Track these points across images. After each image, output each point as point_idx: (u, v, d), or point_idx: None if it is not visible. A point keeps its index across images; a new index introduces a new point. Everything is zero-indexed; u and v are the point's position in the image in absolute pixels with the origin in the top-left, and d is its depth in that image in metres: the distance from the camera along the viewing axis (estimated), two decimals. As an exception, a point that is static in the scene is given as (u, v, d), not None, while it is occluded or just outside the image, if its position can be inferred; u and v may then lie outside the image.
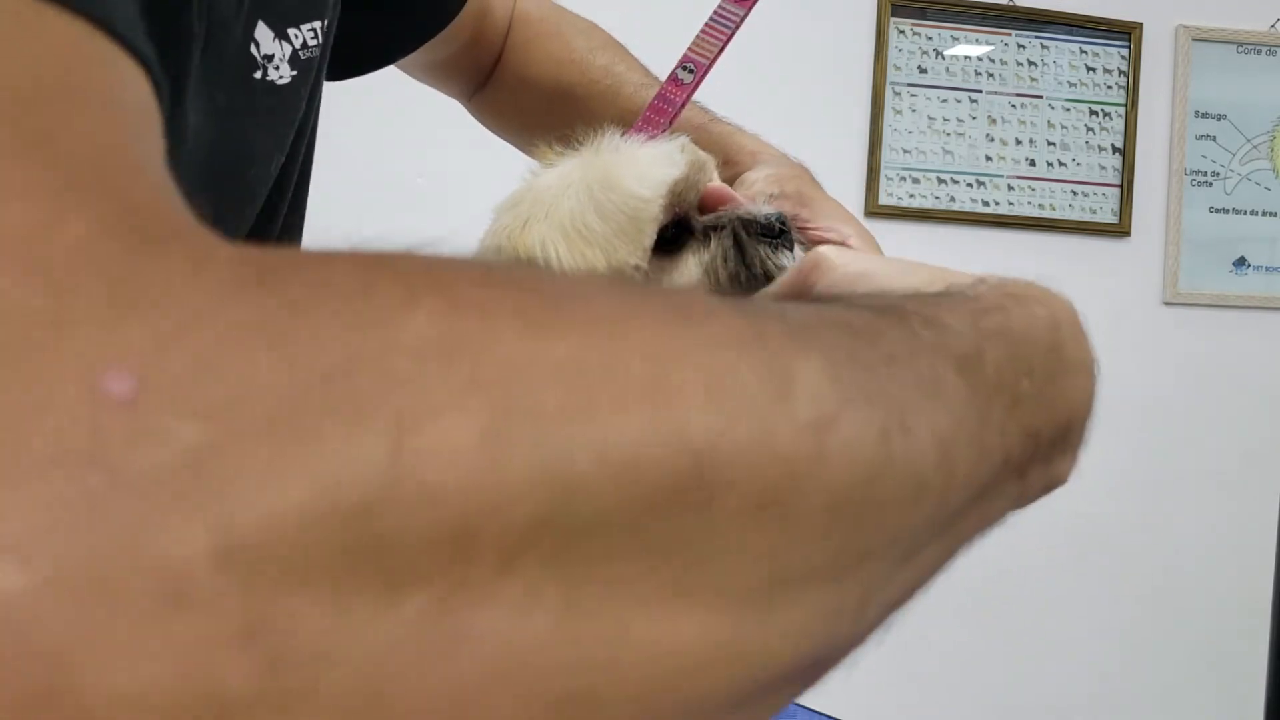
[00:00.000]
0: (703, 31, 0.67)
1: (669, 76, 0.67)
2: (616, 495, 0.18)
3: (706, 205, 0.62)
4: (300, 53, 0.52)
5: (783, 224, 0.61)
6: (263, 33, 0.49)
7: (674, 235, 0.59)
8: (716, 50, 0.66)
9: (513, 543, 0.17)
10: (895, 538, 0.25)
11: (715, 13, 0.67)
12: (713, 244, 0.60)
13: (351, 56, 0.74)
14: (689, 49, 0.67)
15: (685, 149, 0.61)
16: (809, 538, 0.22)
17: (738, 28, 0.66)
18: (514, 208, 0.60)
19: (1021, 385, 0.33)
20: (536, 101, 0.85)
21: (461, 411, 0.17)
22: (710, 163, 0.63)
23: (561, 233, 0.57)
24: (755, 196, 0.66)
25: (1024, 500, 0.36)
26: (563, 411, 0.18)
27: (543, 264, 0.56)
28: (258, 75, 0.49)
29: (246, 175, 0.49)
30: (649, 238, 0.58)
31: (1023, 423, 0.33)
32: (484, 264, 0.21)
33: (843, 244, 0.66)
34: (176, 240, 0.19)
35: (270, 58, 0.50)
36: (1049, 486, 0.37)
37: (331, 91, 0.83)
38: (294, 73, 0.52)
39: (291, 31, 0.52)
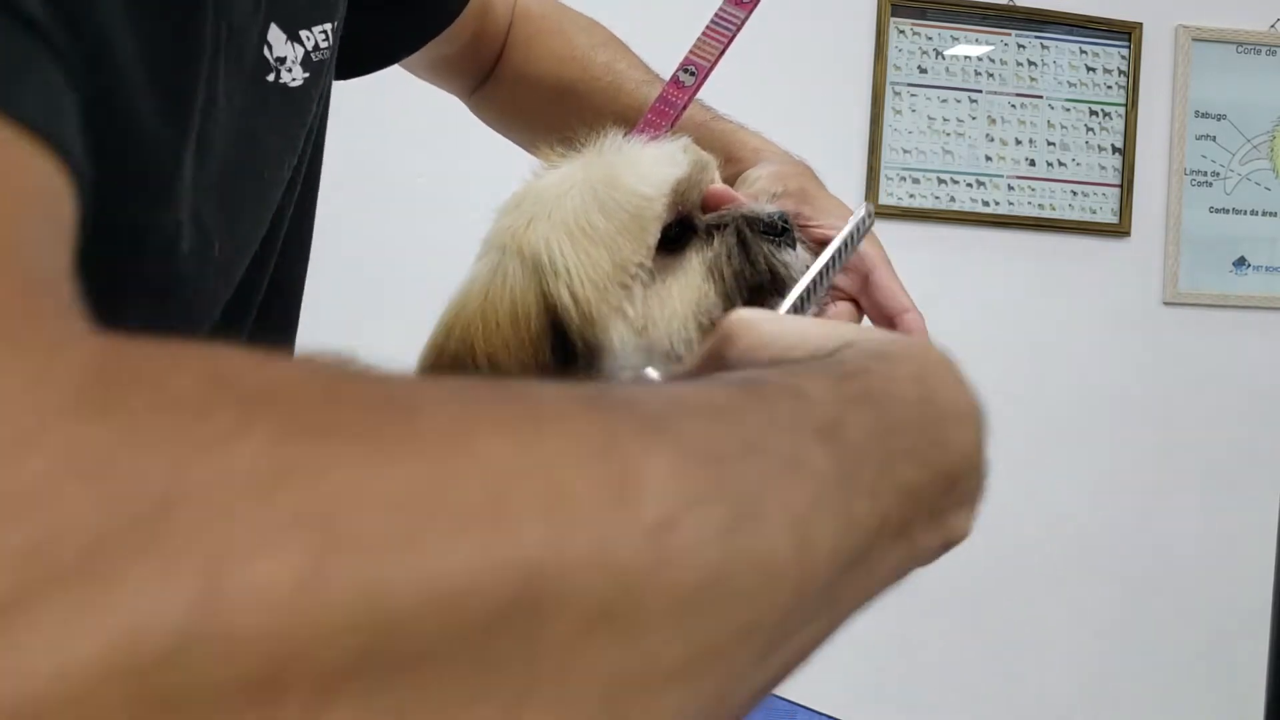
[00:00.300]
0: (704, 34, 0.67)
1: (670, 79, 0.68)
2: (441, 625, 0.18)
3: (709, 205, 0.62)
4: (312, 55, 0.52)
5: (785, 222, 0.62)
6: (275, 35, 0.49)
7: (677, 234, 0.59)
8: (718, 52, 0.67)
9: (327, 680, 0.17)
10: (752, 629, 0.25)
11: (716, 15, 0.67)
12: (716, 242, 0.60)
13: (355, 56, 0.74)
14: (690, 51, 0.67)
15: (687, 149, 0.61)
16: (654, 644, 0.22)
17: (739, 30, 0.66)
18: (516, 207, 0.60)
19: (892, 444, 0.33)
20: (537, 98, 0.85)
21: (279, 550, 0.17)
22: (712, 163, 0.63)
23: (566, 231, 0.57)
24: (758, 195, 0.66)
25: (918, 560, 0.35)
26: (388, 543, 0.18)
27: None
28: (270, 78, 0.49)
29: (263, 177, 0.49)
30: (653, 236, 0.58)
31: (898, 482, 0.33)
32: (334, 375, 0.21)
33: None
34: (25, 345, 0.18)
35: (283, 60, 0.50)
36: (947, 543, 0.37)
37: (335, 92, 0.83)
38: (306, 75, 0.52)
39: (304, 34, 0.52)
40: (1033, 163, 2.37)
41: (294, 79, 0.51)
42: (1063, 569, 2.40)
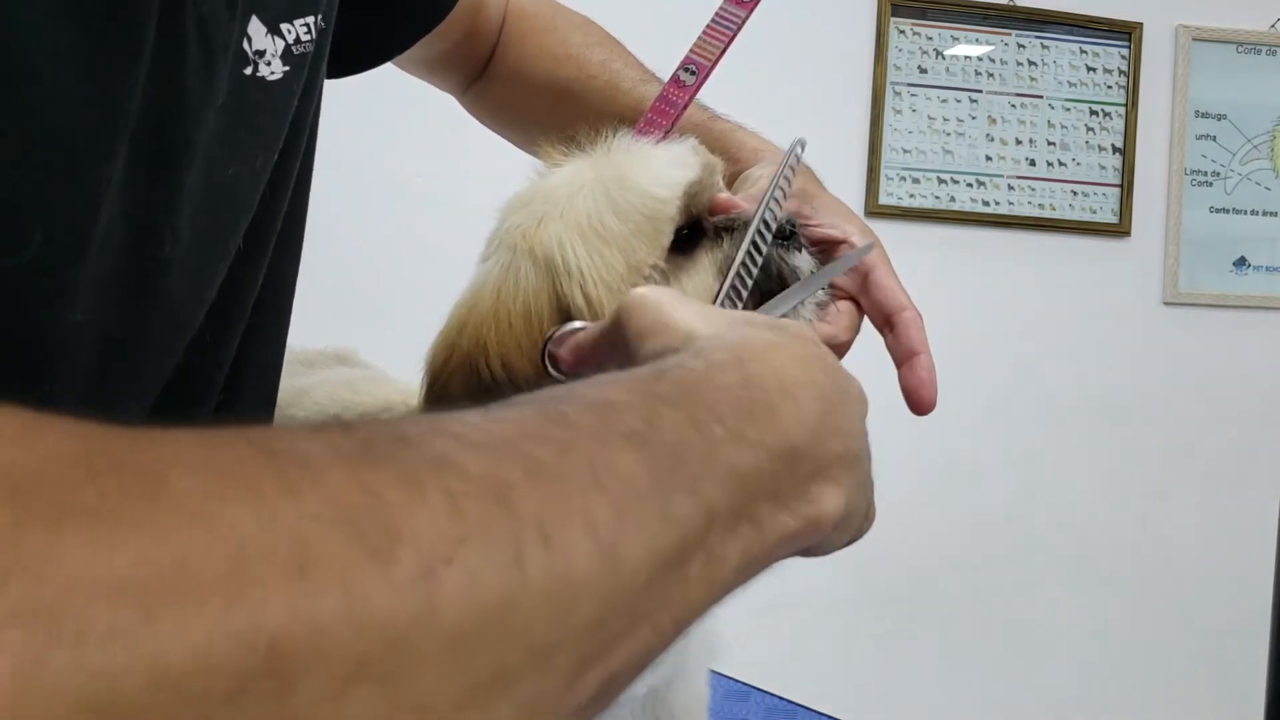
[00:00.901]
0: (704, 33, 0.67)
1: (671, 78, 0.67)
2: (176, 703, 0.18)
3: (715, 211, 0.62)
4: (293, 48, 0.52)
5: (793, 226, 0.62)
6: (255, 28, 0.49)
7: (688, 235, 0.59)
8: (718, 52, 0.66)
9: None
10: (550, 650, 0.25)
11: (717, 14, 0.67)
12: (726, 244, 0.60)
13: (347, 54, 0.74)
14: (691, 50, 0.67)
15: (697, 151, 0.61)
16: (428, 684, 0.22)
17: (740, 29, 0.66)
18: (525, 206, 0.59)
19: (712, 434, 0.33)
20: (532, 96, 0.84)
21: None
22: (720, 166, 0.63)
23: (579, 232, 0.57)
24: (760, 195, 0.66)
25: (781, 544, 0.36)
26: (115, 628, 0.18)
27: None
28: (248, 71, 0.49)
29: (231, 172, 0.48)
30: (667, 238, 0.58)
31: (724, 470, 0.33)
32: (92, 445, 0.21)
33: (845, 240, 0.66)
34: None
35: (262, 53, 0.50)
36: (815, 521, 0.37)
37: (331, 92, 0.83)
38: (286, 68, 0.51)
39: (285, 27, 0.51)
40: (1033, 163, 2.37)
41: (273, 72, 0.50)
42: (1063, 569, 2.40)
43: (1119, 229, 2.39)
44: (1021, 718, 2.39)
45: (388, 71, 0.88)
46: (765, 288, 0.60)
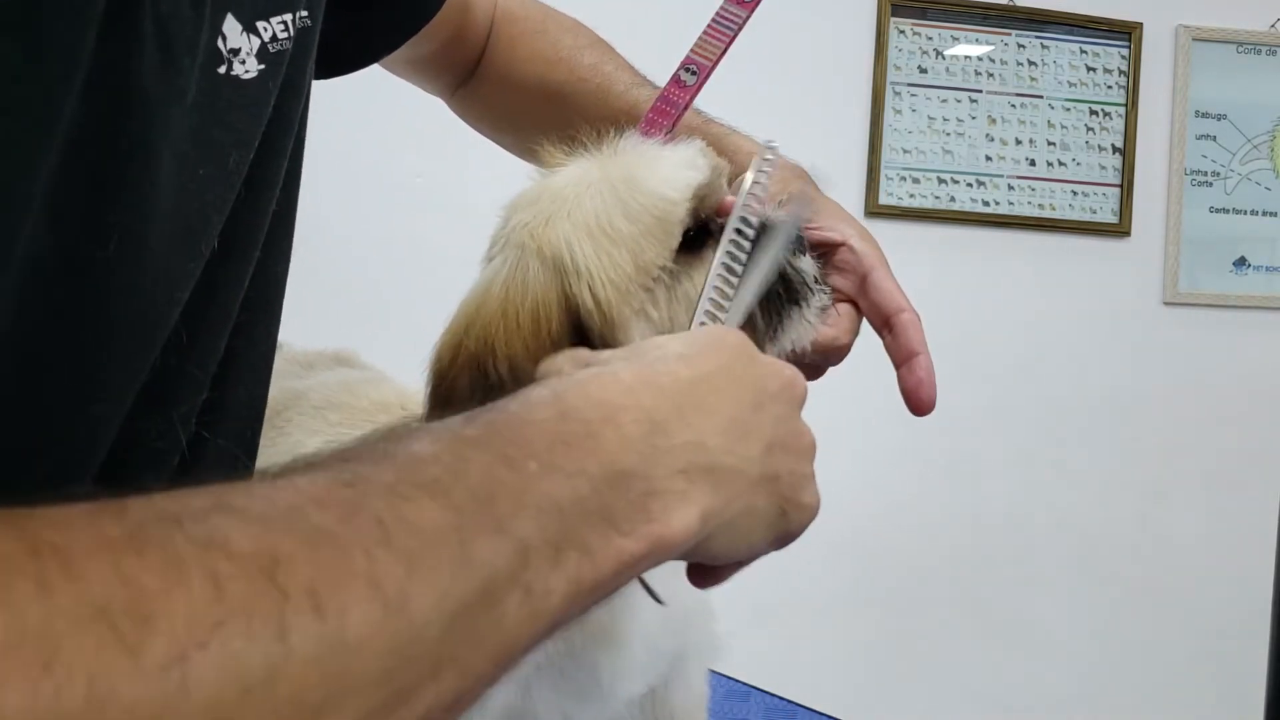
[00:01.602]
0: (705, 33, 0.67)
1: (671, 78, 0.67)
2: None
3: (721, 212, 0.62)
4: (269, 45, 0.51)
5: (798, 230, 0.62)
6: (230, 26, 0.48)
7: (694, 236, 0.59)
8: (719, 52, 0.66)
9: None
10: (331, 706, 0.27)
11: (717, 14, 0.66)
12: (734, 244, 0.60)
13: (334, 55, 0.74)
14: (691, 50, 0.67)
15: (705, 153, 0.61)
16: None
17: (740, 29, 0.66)
18: (532, 205, 0.59)
19: (528, 468, 0.34)
20: (523, 99, 0.84)
21: None
22: (726, 168, 0.63)
23: (587, 232, 0.57)
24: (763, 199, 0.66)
25: (621, 565, 0.36)
26: None
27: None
28: (222, 70, 0.48)
29: (200, 173, 0.48)
30: (676, 239, 0.58)
31: (541, 502, 0.34)
32: None
33: (844, 243, 0.66)
34: None
35: (236, 52, 0.49)
36: (660, 538, 0.37)
37: (331, 93, 0.83)
38: (261, 66, 0.51)
39: (261, 25, 0.51)
40: (1033, 163, 2.37)
41: (247, 71, 0.50)
42: (1063, 569, 2.40)
43: (1119, 229, 2.39)
44: (1021, 718, 2.38)
45: (386, 73, 0.88)
46: (770, 290, 0.60)
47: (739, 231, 0.56)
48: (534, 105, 0.83)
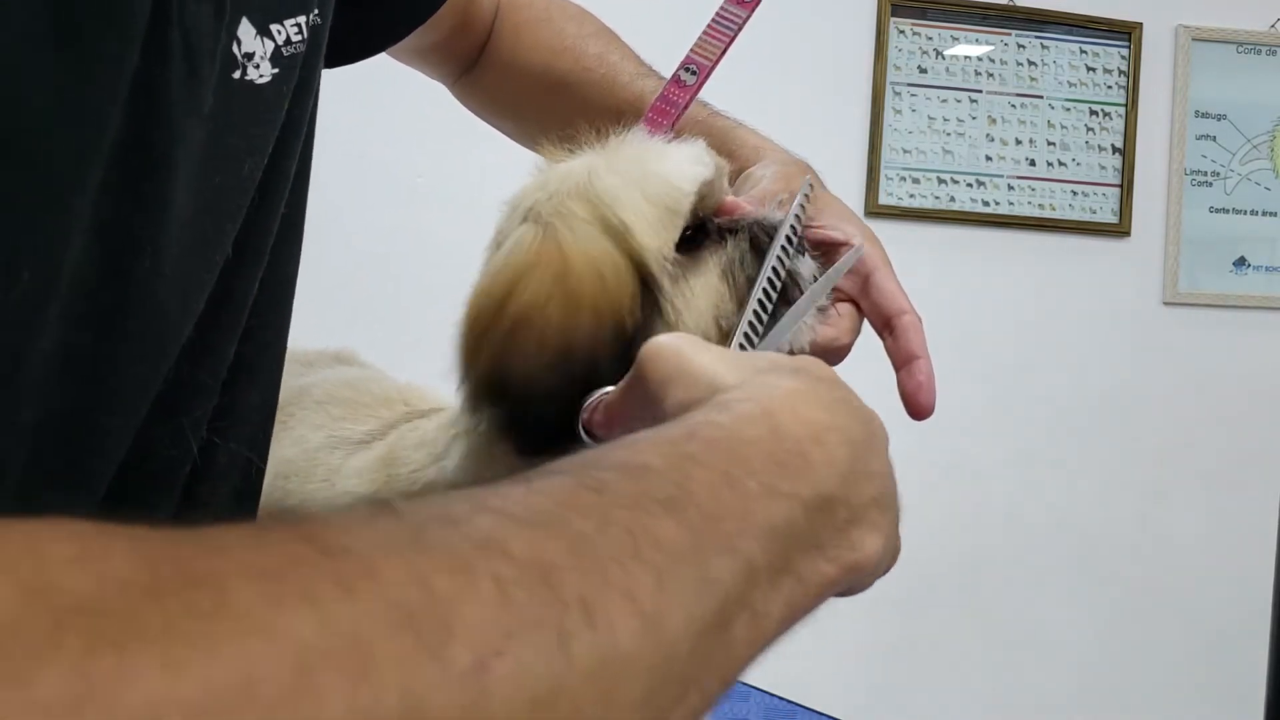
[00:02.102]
0: (705, 33, 0.67)
1: (671, 78, 0.67)
2: None
3: (719, 213, 0.62)
4: (283, 49, 0.51)
5: (798, 232, 0.62)
6: (245, 29, 0.48)
7: (692, 236, 0.59)
8: (719, 52, 0.66)
9: None
10: None
11: (718, 14, 0.66)
12: (730, 245, 0.60)
13: (339, 46, 0.74)
14: (691, 50, 0.67)
15: (709, 153, 0.61)
16: None
17: (740, 29, 0.66)
18: (544, 187, 0.58)
19: (745, 489, 0.33)
20: (527, 88, 0.84)
21: None
22: (726, 168, 0.63)
23: (618, 199, 0.56)
24: (764, 196, 0.66)
25: (822, 592, 0.36)
26: None
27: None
28: (236, 75, 0.48)
29: (214, 182, 0.47)
30: (678, 231, 0.57)
31: (762, 524, 0.33)
32: (154, 559, 0.22)
33: (847, 242, 0.66)
34: None
35: (250, 56, 0.48)
36: (855, 566, 0.37)
37: (330, 92, 0.83)
38: (275, 70, 0.50)
39: (274, 28, 0.50)
40: (1033, 163, 2.37)
41: (261, 75, 0.49)
42: (1063, 569, 2.40)
43: (1119, 229, 2.39)
44: (1021, 718, 2.38)
45: (389, 72, 0.87)
46: (769, 293, 0.60)
47: (778, 264, 0.56)
48: (538, 94, 0.83)
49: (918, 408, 0.63)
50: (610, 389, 0.49)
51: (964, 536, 2.35)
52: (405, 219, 2.14)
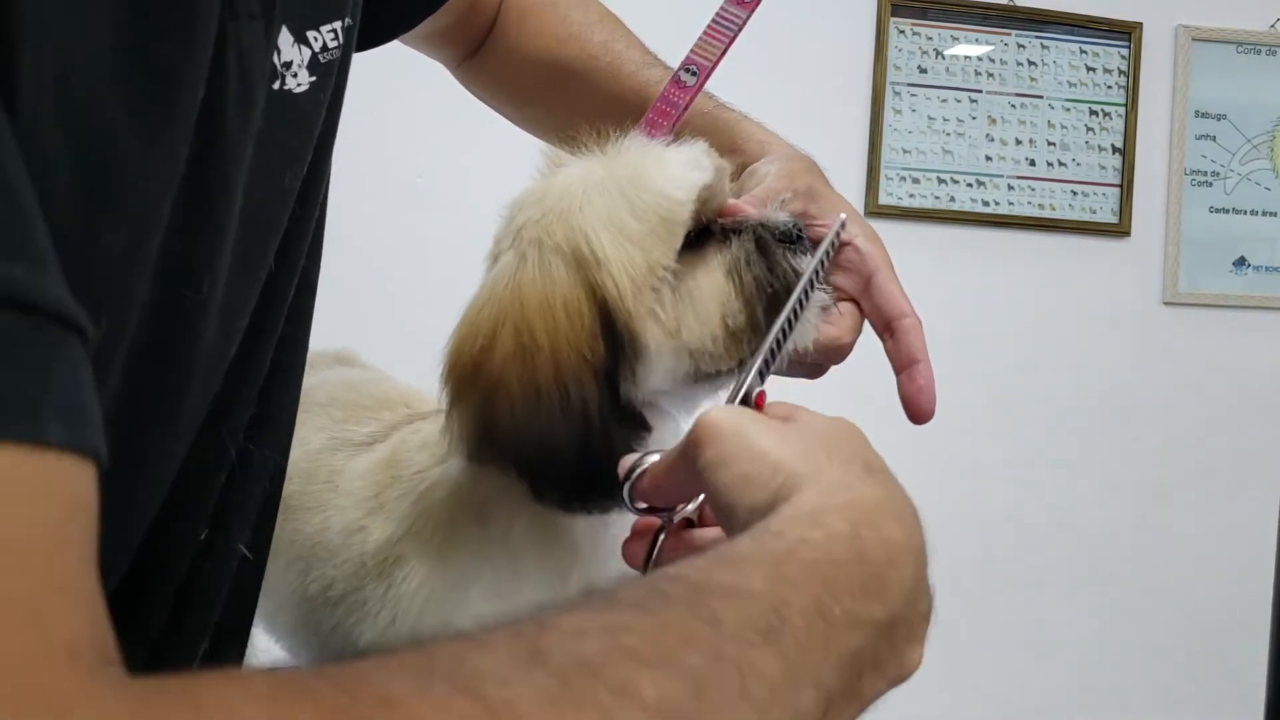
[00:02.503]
0: (705, 33, 0.67)
1: (671, 78, 0.67)
2: None
3: (721, 215, 0.62)
4: (320, 56, 0.50)
5: (799, 231, 0.62)
6: (284, 39, 0.47)
7: (695, 236, 0.59)
8: (719, 52, 0.66)
9: None
10: None
11: (718, 15, 0.66)
12: (734, 245, 0.60)
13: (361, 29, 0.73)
14: (691, 51, 0.67)
15: (709, 154, 0.61)
16: None
17: (740, 30, 0.66)
18: (538, 202, 0.59)
19: (834, 614, 0.35)
20: (532, 74, 0.83)
21: None
22: (729, 169, 0.63)
23: (602, 226, 0.57)
24: (768, 193, 0.66)
25: (865, 707, 0.37)
26: None
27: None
28: (276, 86, 0.47)
29: (256, 197, 0.46)
30: (679, 240, 0.58)
31: (841, 652, 0.35)
32: None
33: (850, 243, 0.66)
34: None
35: (289, 65, 0.47)
36: (901, 679, 0.39)
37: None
38: (313, 79, 0.49)
39: (311, 35, 0.49)
40: (1033, 163, 2.37)
41: (299, 84, 0.48)
42: (1063, 569, 2.40)
43: (1119, 229, 2.39)
44: (1022, 717, 2.38)
45: (388, 72, 0.87)
46: (773, 290, 0.59)
47: (801, 299, 0.57)
48: (542, 80, 0.82)
49: (918, 411, 0.63)
50: (655, 455, 0.50)
51: (964, 536, 2.35)
52: (404, 219, 2.14)
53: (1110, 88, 2.40)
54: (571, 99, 0.73)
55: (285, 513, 0.72)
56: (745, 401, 0.51)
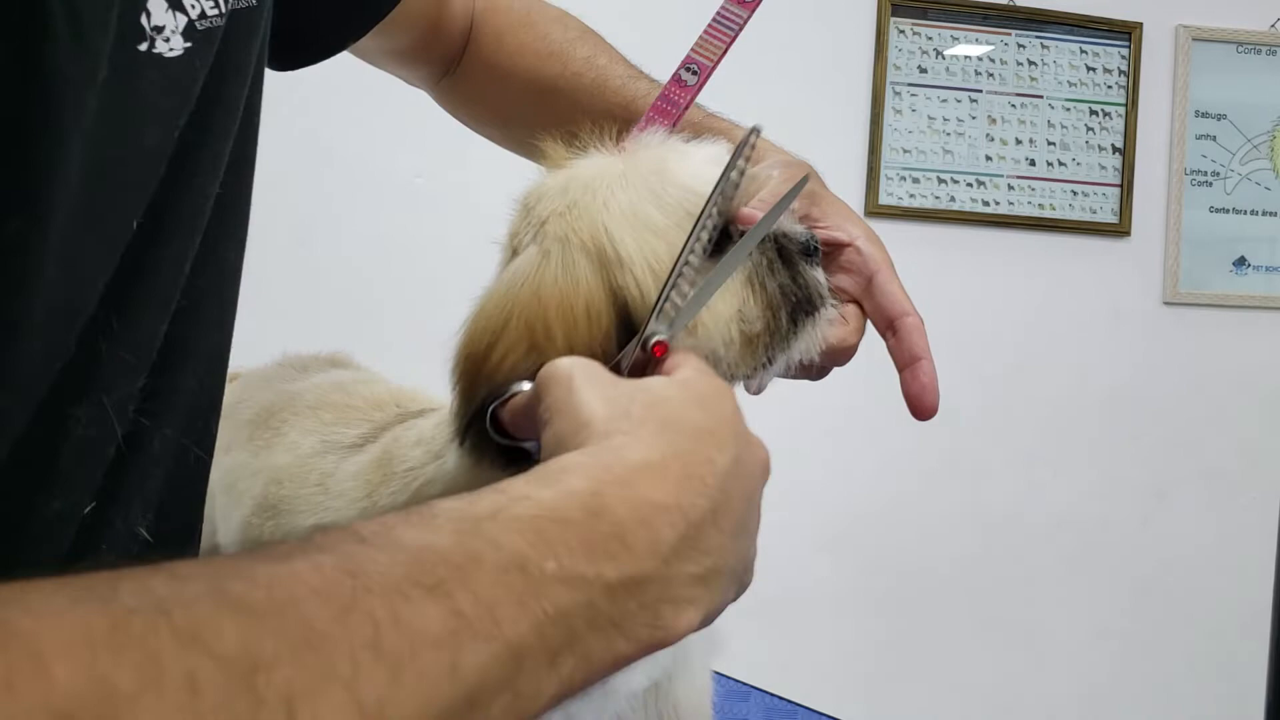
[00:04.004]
0: (706, 32, 0.67)
1: (672, 77, 0.67)
2: None
3: (740, 222, 0.62)
4: (196, 23, 0.50)
5: (816, 245, 0.62)
6: (156, 4, 0.48)
7: (716, 241, 0.59)
8: (720, 52, 0.66)
9: None
10: None
11: (718, 14, 0.66)
12: (754, 253, 0.60)
13: (297, 43, 0.72)
14: (692, 50, 0.66)
15: (731, 153, 0.61)
16: None
17: (741, 29, 0.66)
18: (560, 195, 0.58)
19: (542, 569, 0.34)
20: (513, 93, 0.83)
21: None
22: (747, 170, 0.63)
23: (625, 221, 0.56)
24: (775, 198, 0.65)
25: (613, 665, 0.37)
26: None
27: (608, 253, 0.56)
28: (143, 47, 0.48)
29: (108, 152, 0.47)
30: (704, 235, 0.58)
31: (546, 608, 0.34)
32: None
33: (851, 244, 0.66)
34: None
35: (160, 29, 0.48)
36: (658, 643, 0.38)
37: (330, 92, 0.83)
38: (188, 44, 0.50)
39: (188, 2, 0.50)
40: (1033, 163, 2.37)
41: (171, 49, 0.49)
42: (1063, 569, 2.40)
43: (1119, 229, 2.39)
44: (1021, 718, 2.38)
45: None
46: (795, 298, 0.59)
47: (713, 224, 0.55)
48: (526, 99, 0.82)
49: (921, 408, 0.63)
50: (525, 387, 0.49)
51: (964, 536, 2.35)
52: (404, 219, 2.14)
53: (1110, 88, 2.40)
54: (557, 116, 0.73)
55: (276, 517, 0.71)
56: (644, 349, 0.51)
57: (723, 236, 0.59)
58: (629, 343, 0.54)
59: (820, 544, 2.26)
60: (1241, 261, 2.45)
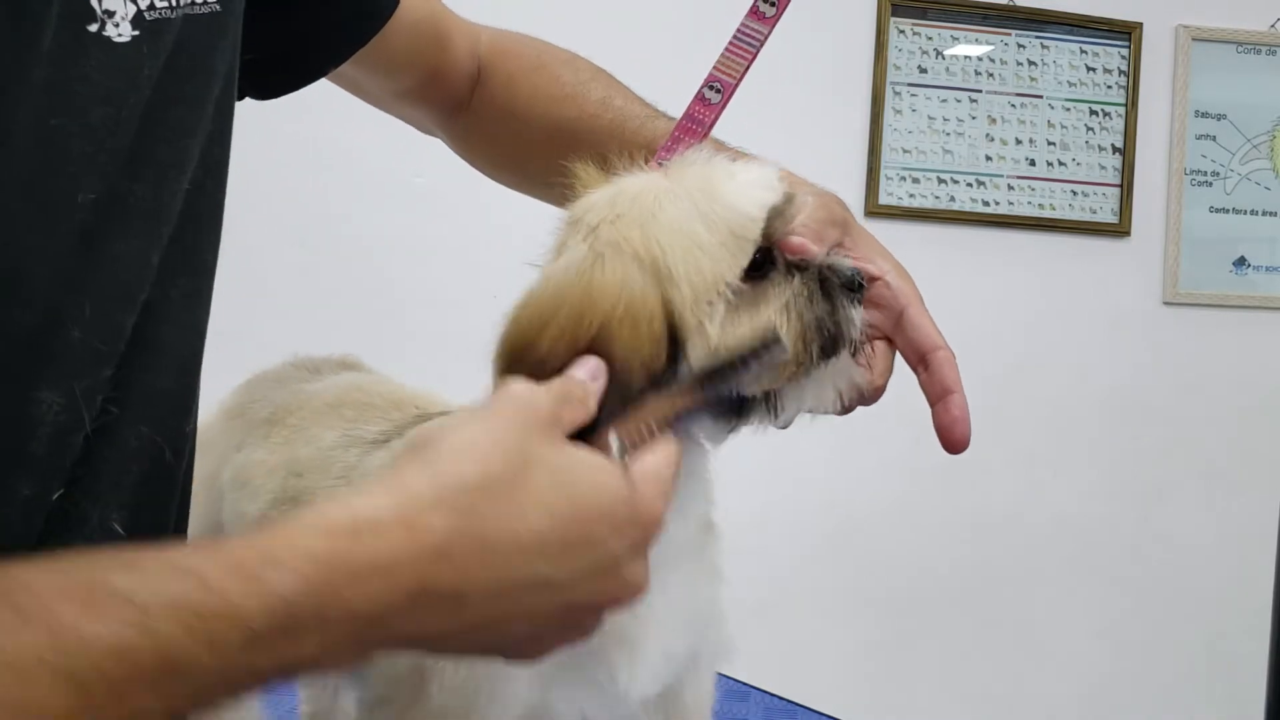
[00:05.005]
0: (727, 50, 0.66)
1: (695, 96, 0.67)
2: None
3: (787, 250, 0.61)
4: (145, 13, 0.52)
5: (861, 282, 0.61)
6: None
7: (759, 264, 0.58)
8: (743, 69, 0.66)
9: None
10: None
11: (739, 31, 0.66)
12: (796, 282, 0.59)
13: (277, 69, 0.73)
14: (714, 68, 0.66)
15: (780, 178, 0.60)
16: None
17: (762, 45, 0.66)
18: (609, 205, 0.58)
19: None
20: (529, 137, 0.83)
21: None
22: (794, 197, 0.62)
23: (676, 235, 0.56)
24: (813, 223, 0.64)
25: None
26: None
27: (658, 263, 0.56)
28: (93, 28, 0.50)
29: (51, 123, 0.49)
30: (746, 257, 0.57)
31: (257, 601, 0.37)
32: None
33: (880, 278, 0.66)
34: None
35: (111, 14, 0.50)
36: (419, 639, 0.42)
37: (330, 93, 0.83)
38: (135, 32, 0.52)
39: None
40: (1033, 163, 2.37)
41: (120, 34, 0.51)
42: (1063, 569, 2.40)
43: (1119, 229, 2.39)
44: (1022, 718, 2.39)
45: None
46: (829, 334, 0.59)
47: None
48: (541, 142, 0.81)
49: (953, 441, 0.64)
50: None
51: (964, 537, 2.35)
52: (404, 219, 2.14)
53: (1110, 88, 2.40)
54: (577, 158, 0.73)
55: (297, 507, 0.72)
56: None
57: (766, 259, 0.58)
58: (673, 353, 0.54)
59: (820, 544, 2.26)
60: (1241, 261, 2.45)
